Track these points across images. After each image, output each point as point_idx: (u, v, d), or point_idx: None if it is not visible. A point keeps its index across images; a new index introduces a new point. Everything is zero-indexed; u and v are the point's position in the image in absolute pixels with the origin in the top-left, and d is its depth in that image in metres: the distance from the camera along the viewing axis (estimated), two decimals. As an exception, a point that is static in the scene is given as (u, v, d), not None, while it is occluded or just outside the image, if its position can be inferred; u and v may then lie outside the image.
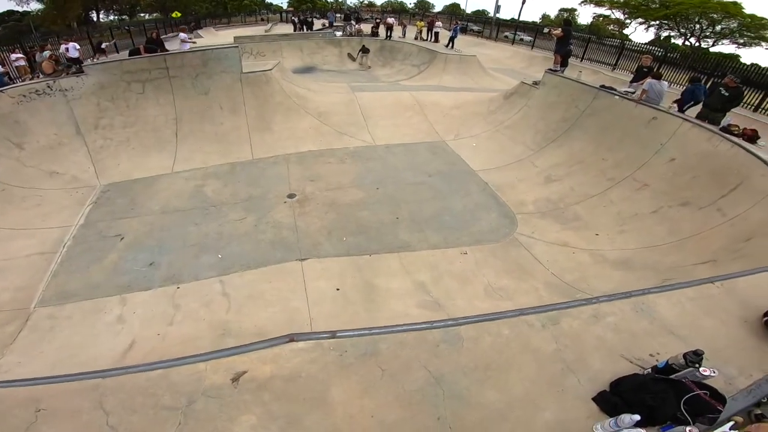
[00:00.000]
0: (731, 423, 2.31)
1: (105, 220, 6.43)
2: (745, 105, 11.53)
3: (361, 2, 67.83)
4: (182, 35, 12.91)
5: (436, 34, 19.97)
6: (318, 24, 27.04)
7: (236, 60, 9.60)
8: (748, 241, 4.85)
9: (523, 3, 30.77)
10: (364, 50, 18.44)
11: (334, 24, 25.14)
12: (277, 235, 6.05)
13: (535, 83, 10.30)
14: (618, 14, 42.01)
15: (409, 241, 6.04)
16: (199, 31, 23.66)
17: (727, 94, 7.41)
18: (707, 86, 8.69)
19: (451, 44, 18.54)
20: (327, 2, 57.56)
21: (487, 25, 30.75)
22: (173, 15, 27.04)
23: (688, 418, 2.00)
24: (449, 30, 19.13)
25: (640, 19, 39.30)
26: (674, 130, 7.01)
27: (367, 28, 21.69)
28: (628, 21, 41.93)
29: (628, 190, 6.84)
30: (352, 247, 5.84)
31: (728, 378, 2.42)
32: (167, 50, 10.32)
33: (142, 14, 45.48)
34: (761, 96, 11.71)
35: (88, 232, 6.13)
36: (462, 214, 6.79)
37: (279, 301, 4.77)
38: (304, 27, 24.53)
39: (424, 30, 21.15)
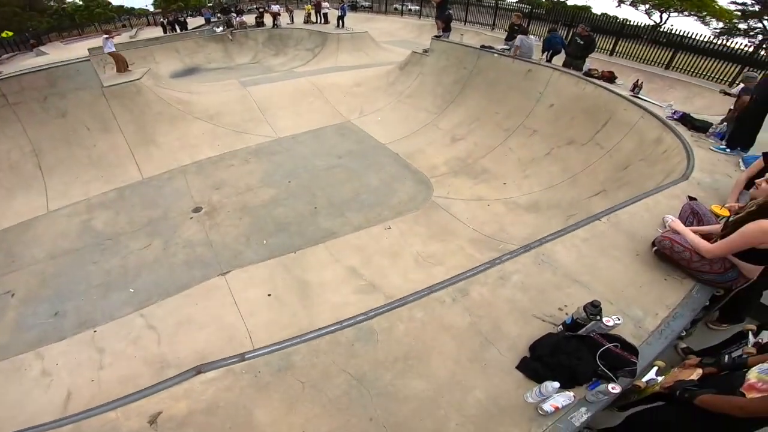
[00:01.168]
0: (655, 369, 2.35)
1: None
2: (602, 50, 13.21)
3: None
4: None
5: (325, 15, 19.46)
6: (193, 23, 24.61)
7: (92, 74, 8.29)
8: (626, 169, 5.54)
9: (406, -26, 31.25)
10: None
11: (212, 20, 23.13)
12: (191, 254, 5.52)
13: (426, 51, 10.57)
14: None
15: (332, 228, 5.88)
16: (42, 48, 20.09)
17: (582, 42, 8.39)
18: (568, 37, 9.75)
19: (341, 23, 18.21)
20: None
21: (376, 0, 30.78)
22: (3, 35, 22.48)
23: (609, 374, 1.96)
24: (338, 10, 18.72)
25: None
26: (547, 78, 7.75)
27: (250, 19, 20.31)
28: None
29: (522, 137, 7.45)
30: (275, 248, 5.54)
31: (636, 321, 2.45)
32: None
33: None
34: (613, 41, 13.49)
35: None
36: (379, 189, 6.78)
37: (211, 321, 4.46)
38: (177, 28, 22.11)
39: (313, 13, 20.48)
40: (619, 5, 37.26)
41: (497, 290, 2.72)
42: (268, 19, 19.71)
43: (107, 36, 11.20)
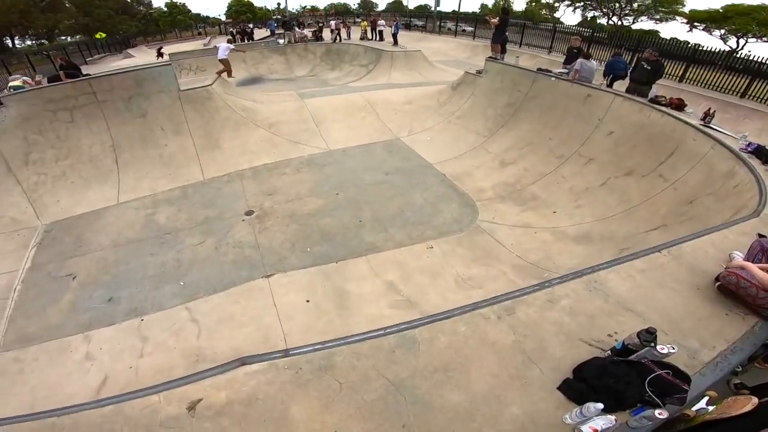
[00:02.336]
0: (706, 398, 2.32)
1: (53, 261, 5.99)
2: (671, 76, 12.50)
3: (304, 7, 67.16)
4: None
5: (380, 32, 20.08)
6: (259, 34, 26.39)
7: (171, 78, 9.13)
8: (691, 204, 5.19)
9: (461, -5, 31.65)
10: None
11: (276, 32, 24.65)
12: (240, 255, 5.84)
13: (479, 72, 10.58)
14: (548, -2, 44.20)
15: (375, 242, 6.00)
16: (130, 51, 22.36)
17: (649, 67, 7.96)
18: (633, 62, 9.32)
19: (395, 41, 18.71)
20: (267, 11, 56.40)
21: (429, 20, 31.36)
22: (97, 36, 25.38)
23: (656, 400, 1.93)
24: (392, 27, 19.29)
25: (566, 2, 41.59)
26: (608, 104, 7.44)
27: (310, 33, 21.45)
28: (557, 4, 44.25)
29: (577, 165, 7.18)
30: (318, 257, 5.73)
31: (691, 352, 2.40)
32: (84, 74, 9.57)
33: (62, 37, 42.36)
34: (683, 67, 12.74)
35: (37, 275, 5.72)
36: (423, 208, 6.83)
37: (251, 320, 4.65)
38: (244, 38, 23.84)
39: (369, 30, 21.21)
40: (690, 30, 35.09)
41: (544, 312, 2.70)
42: (326, 34, 20.69)
43: (229, 45, 12.89)
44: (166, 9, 47.81)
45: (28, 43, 40.82)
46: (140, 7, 48.66)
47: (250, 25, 30.03)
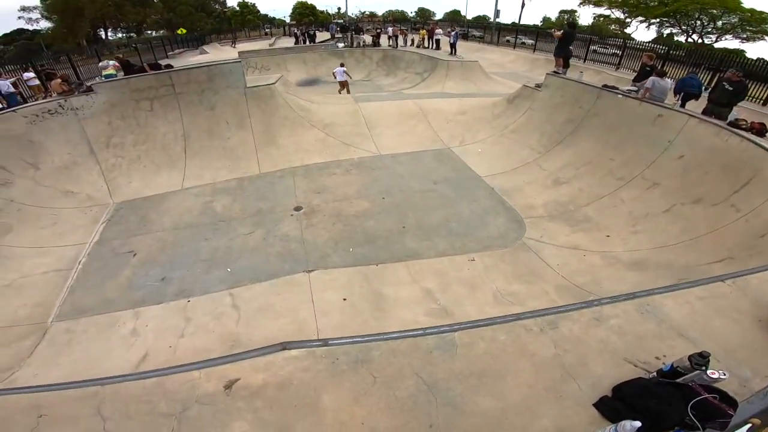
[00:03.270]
0: (748, 426, 2.17)
1: (118, 237, 6.58)
2: (754, 99, 11.36)
3: (363, 13, 68.94)
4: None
5: (437, 41, 20.14)
6: (321, 36, 27.48)
7: (240, 75, 9.78)
8: (763, 237, 4.72)
9: (523, 6, 30.98)
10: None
11: (336, 36, 25.53)
12: (285, 248, 6.11)
13: (538, 86, 10.28)
14: (618, 13, 41.87)
15: (417, 249, 6.02)
16: (205, 47, 24.19)
17: (731, 88, 7.29)
18: (713, 82, 8.59)
19: (453, 50, 18.66)
20: (329, 14, 58.55)
21: (488, 31, 30.91)
22: (179, 32, 27.73)
23: (697, 423, 1.88)
24: (449, 37, 19.27)
25: (640, 18, 39.10)
26: (681, 126, 6.91)
27: (368, 38, 22.00)
28: (628, 20, 41.76)
29: (638, 189, 6.74)
30: (359, 258, 5.85)
31: (742, 380, 2.32)
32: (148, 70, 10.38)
33: (148, 31, 46.85)
34: (769, 89, 11.53)
35: (102, 249, 6.28)
36: (469, 220, 6.75)
37: (288, 312, 4.82)
38: (307, 39, 24.95)
39: (426, 38, 21.35)
40: (781, 50, 31.61)
41: (590, 329, 2.64)
42: (384, 40, 21.10)
43: (343, 68, 14.29)
44: (238, 8, 51.24)
45: (119, 35, 45.56)
46: (216, 5, 52.48)
47: (313, 28, 31.35)
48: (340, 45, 21.21)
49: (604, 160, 7.58)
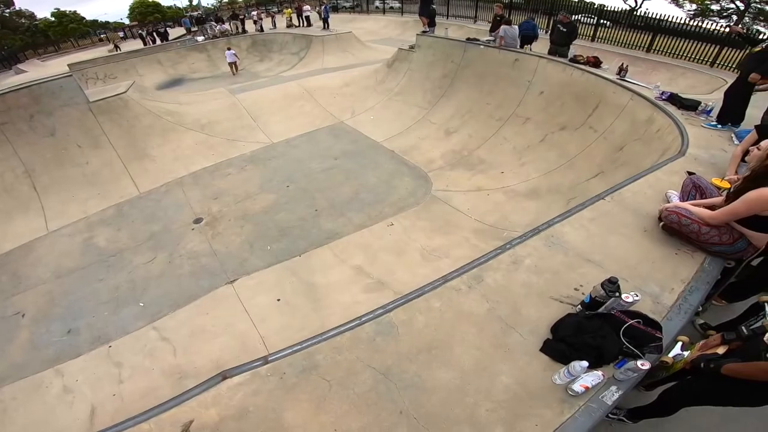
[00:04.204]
0: (679, 344, 2.39)
1: None
2: (583, 36, 13.34)
3: (220, 1, 62.93)
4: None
5: (307, 18, 19.38)
6: (174, 33, 24.35)
7: (76, 89, 8.15)
8: (622, 150, 5.62)
9: (385, -28, 31.25)
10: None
11: (193, 30, 22.89)
12: (197, 265, 5.53)
13: (412, 47, 10.59)
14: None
15: (334, 228, 5.89)
16: (21, 66, 19.70)
17: (564, 29, 8.45)
18: (549, 26, 9.81)
19: (326, 25, 18.14)
20: (178, 9, 52.10)
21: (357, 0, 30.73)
22: None
23: (635, 351, 1.96)
24: (320, 12, 18.70)
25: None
26: (535, 67, 7.81)
27: (232, 26, 20.13)
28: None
29: (515, 125, 7.51)
30: (280, 253, 5.53)
31: (654, 297, 2.46)
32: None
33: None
34: (593, 28, 13.64)
35: None
36: (377, 187, 6.80)
37: (223, 329, 4.48)
38: (157, 38, 21.88)
39: (294, 16, 20.37)
40: (596, -9, 37.55)
41: (511, 275, 2.73)
42: (249, 26, 19.58)
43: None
44: (54, 18, 42.66)
45: None
46: (22, 20, 43.01)
47: (162, 25, 27.60)
48: (200, 38, 19.03)
49: (482, 105, 8.24)
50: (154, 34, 22.51)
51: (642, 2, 35.52)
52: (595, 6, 16.64)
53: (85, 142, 7.99)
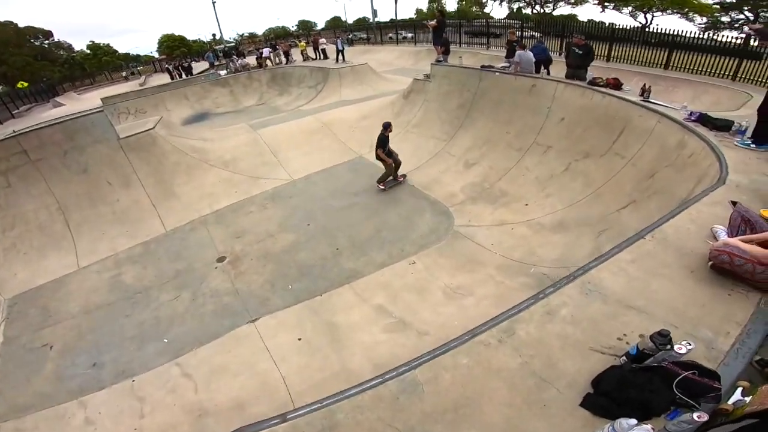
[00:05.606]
0: (739, 389, 2.27)
1: (25, 334, 5.62)
2: (598, 57, 13.26)
3: (241, 35, 66.31)
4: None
5: (323, 50, 20.09)
6: (198, 67, 25.68)
7: (107, 125, 8.55)
8: (653, 177, 5.36)
9: (396, 2, 32.50)
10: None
11: (216, 64, 24.09)
12: (219, 304, 5.60)
13: (427, 77, 10.74)
14: (476, -6, 46.17)
15: (355, 267, 5.85)
16: (59, 99, 20.95)
17: (580, 52, 8.35)
18: (563, 48, 9.78)
19: (342, 57, 18.72)
20: (203, 43, 55.14)
21: (370, 32, 31.83)
22: (19, 85, 23.65)
23: (690, 401, 1.85)
24: (335, 44, 19.35)
25: (492, -4, 43.68)
26: (553, 92, 7.71)
27: (252, 61, 21.10)
28: (485, 1, 46.38)
29: (537, 155, 7.39)
30: (300, 293, 5.53)
31: (707, 342, 2.29)
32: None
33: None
34: (608, 47, 13.57)
35: (12, 349, 5.38)
36: (398, 224, 6.75)
37: (245, 368, 4.50)
38: (182, 73, 23.09)
39: (309, 49, 21.15)
40: (603, 10, 37.87)
41: (545, 326, 2.58)
42: (297, 55, 20.42)
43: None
44: (89, 51, 45.68)
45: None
46: (60, 51, 46.12)
47: (188, 59, 29.15)
48: (223, 72, 19.99)
49: (500, 135, 8.18)
50: (180, 68, 23.76)
51: (652, 19, 35.47)
52: (607, 25, 16.62)
53: (116, 179, 8.33)
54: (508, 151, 7.82)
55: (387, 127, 7.79)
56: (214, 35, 56.71)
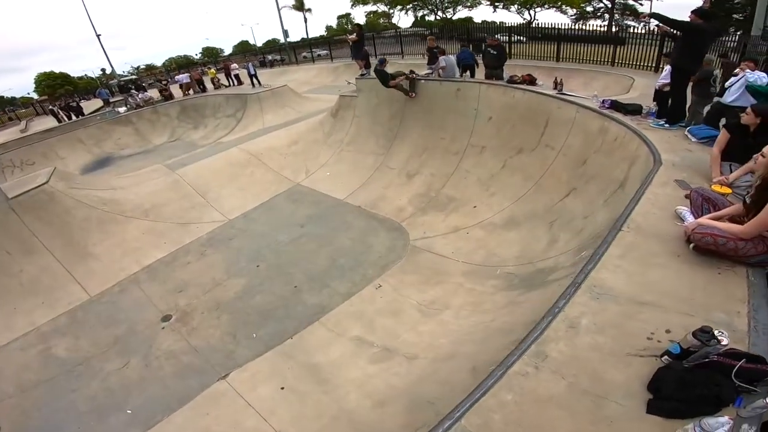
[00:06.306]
0: None
1: None
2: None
3: (137, 68, 60.92)
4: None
5: (237, 76, 19.15)
6: (90, 106, 22.81)
7: (-17, 185, 7.10)
8: (585, 164, 5.72)
9: (306, 21, 32.43)
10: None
11: (111, 101, 21.64)
12: (179, 365, 5.00)
13: (354, 92, 10.67)
14: (383, 7, 47.82)
15: (320, 302, 5.52)
16: None
17: (495, 52, 8.96)
18: (482, 50, 10.40)
19: (257, 81, 17.98)
20: (91, 79, 49.56)
21: (283, 52, 31.22)
22: None
23: (752, 388, 1.89)
24: (246, 69, 18.54)
25: (398, 6, 45.65)
26: (477, 94, 8.06)
27: (155, 93, 19.30)
28: (391, 11, 48.28)
29: (474, 156, 7.67)
30: (269, 339, 5.09)
31: (727, 325, 2.26)
32: None
33: None
34: (508, 46, 14.83)
35: None
36: (353, 248, 6.54)
37: (231, 428, 4.08)
38: (71, 114, 20.23)
39: (223, 76, 20.05)
40: (495, 11, 41.59)
41: (574, 341, 2.46)
42: (176, 91, 18.89)
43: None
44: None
45: None
46: None
47: (76, 98, 25.80)
48: (122, 109, 17.92)
49: (436, 141, 8.39)
50: (68, 108, 20.82)
51: (535, 15, 39.96)
52: (506, 25, 18.26)
53: (14, 247, 6.94)
54: (446, 156, 8.02)
55: (382, 62, 9.33)
56: (103, 70, 51.16)
